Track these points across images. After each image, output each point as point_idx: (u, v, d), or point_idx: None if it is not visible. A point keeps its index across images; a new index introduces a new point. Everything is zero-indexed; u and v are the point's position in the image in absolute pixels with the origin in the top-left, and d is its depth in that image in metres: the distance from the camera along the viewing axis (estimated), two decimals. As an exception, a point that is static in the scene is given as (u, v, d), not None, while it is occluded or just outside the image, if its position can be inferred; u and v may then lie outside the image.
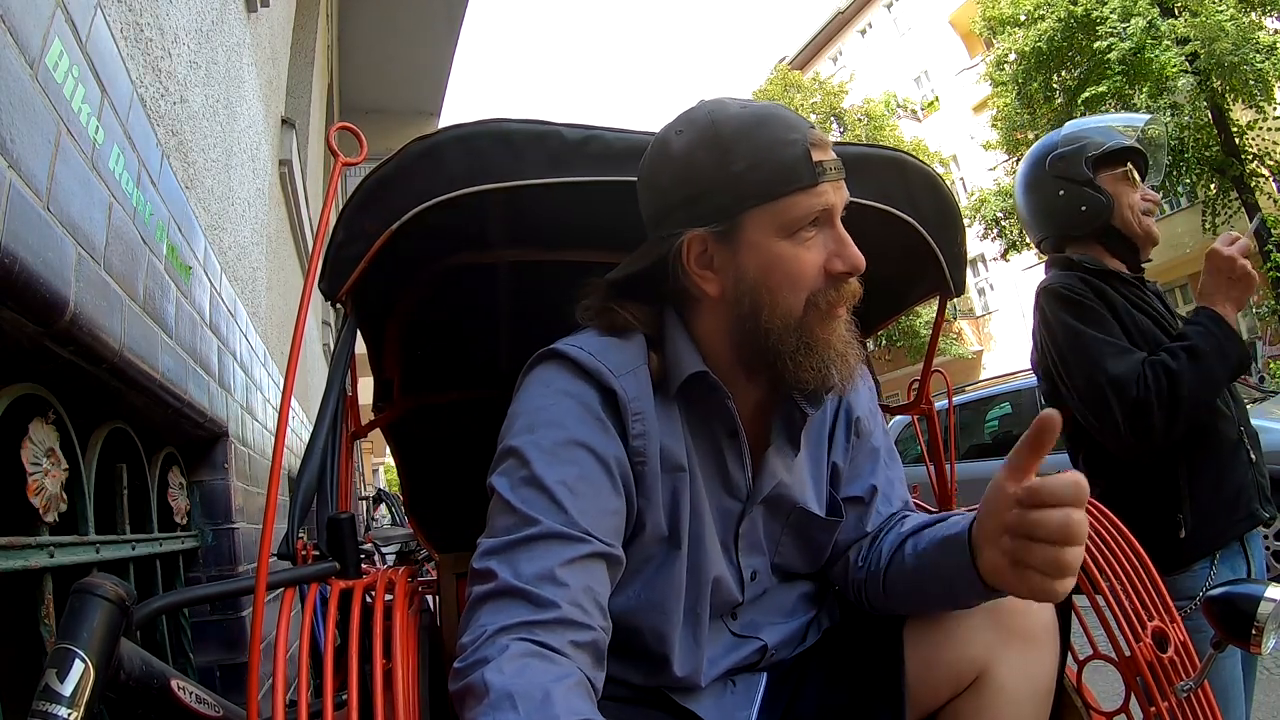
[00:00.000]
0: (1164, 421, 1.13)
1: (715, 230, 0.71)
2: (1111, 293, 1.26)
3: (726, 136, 0.70)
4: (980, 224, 12.54)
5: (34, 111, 0.73)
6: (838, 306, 0.73)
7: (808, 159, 0.70)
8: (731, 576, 0.80)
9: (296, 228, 3.19)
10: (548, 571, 0.62)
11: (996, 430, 5.39)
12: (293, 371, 0.71)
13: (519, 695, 0.53)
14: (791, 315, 0.71)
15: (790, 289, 0.71)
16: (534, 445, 0.69)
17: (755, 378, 0.77)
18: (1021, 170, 1.44)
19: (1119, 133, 1.35)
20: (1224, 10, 9.33)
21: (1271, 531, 3.87)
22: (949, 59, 17.37)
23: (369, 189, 0.84)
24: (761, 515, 0.81)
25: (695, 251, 0.73)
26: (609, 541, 0.68)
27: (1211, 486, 1.19)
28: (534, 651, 0.58)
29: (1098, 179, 1.32)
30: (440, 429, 1.17)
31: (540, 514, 0.65)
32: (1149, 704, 0.77)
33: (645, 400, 0.74)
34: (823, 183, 0.70)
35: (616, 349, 0.75)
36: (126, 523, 1.17)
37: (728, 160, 0.69)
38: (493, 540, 0.65)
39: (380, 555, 3.53)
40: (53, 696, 0.55)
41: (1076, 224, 1.35)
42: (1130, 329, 1.23)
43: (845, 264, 0.71)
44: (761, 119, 0.71)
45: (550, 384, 0.73)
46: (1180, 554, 1.18)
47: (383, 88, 5.31)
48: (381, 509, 9.33)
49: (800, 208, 0.70)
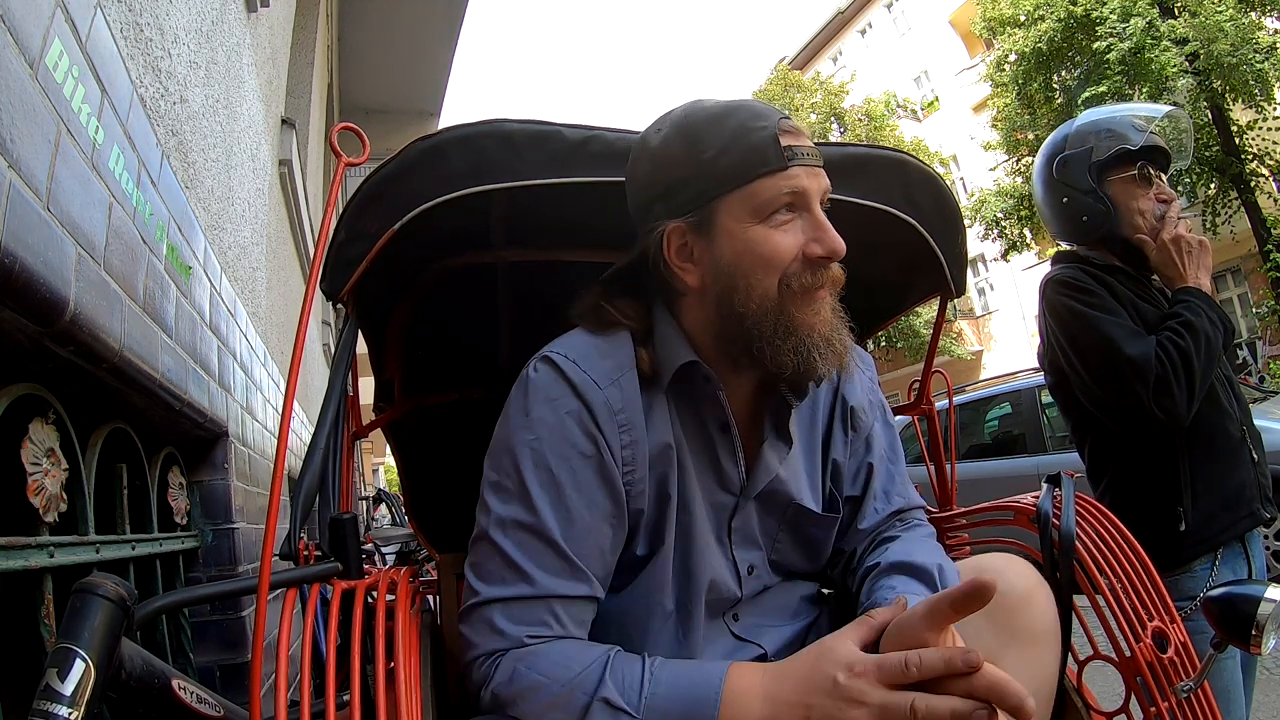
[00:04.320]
0: (1185, 395, 1.15)
1: (691, 220, 0.72)
2: (1117, 286, 1.26)
3: (697, 126, 0.72)
4: (980, 224, 12.53)
5: (34, 111, 0.73)
6: (816, 290, 0.72)
7: (775, 143, 0.70)
8: (727, 570, 0.80)
9: (296, 228, 3.19)
10: (540, 620, 0.69)
11: (996, 430, 5.39)
12: (295, 372, 0.71)
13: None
14: (768, 299, 0.71)
15: (764, 271, 0.71)
16: (524, 475, 0.71)
17: (743, 370, 0.77)
18: (1035, 166, 1.42)
19: (1136, 126, 1.30)
20: (1224, 10, 9.33)
21: (1271, 532, 3.87)
22: (949, 59, 17.37)
23: (370, 189, 0.84)
24: (756, 510, 0.81)
25: (675, 244, 0.74)
26: (599, 579, 0.72)
27: (1213, 483, 1.20)
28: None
29: (1105, 184, 1.29)
30: (441, 429, 1.17)
31: (534, 569, 0.69)
32: (1149, 704, 0.77)
33: (633, 407, 0.74)
34: (793, 166, 0.70)
35: (603, 354, 0.75)
36: (126, 523, 1.17)
37: (698, 149, 0.71)
38: (489, 590, 0.70)
39: (380, 555, 3.53)
40: (54, 696, 0.55)
41: (1079, 232, 1.34)
42: (1135, 319, 1.23)
43: (824, 248, 0.71)
44: (731, 109, 0.72)
45: (538, 397, 0.73)
46: (1180, 549, 1.18)
47: (383, 88, 5.30)
48: (381, 509, 9.33)
49: (770, 190, 0.70)
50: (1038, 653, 0.73)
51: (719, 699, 0.62)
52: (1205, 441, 1.21)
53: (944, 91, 17.80)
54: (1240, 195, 10.13)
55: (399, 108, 5.44)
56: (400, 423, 1.15)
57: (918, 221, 0.98)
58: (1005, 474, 4.71)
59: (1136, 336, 1.19)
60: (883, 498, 0.88)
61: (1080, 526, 0.84)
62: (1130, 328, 1.20)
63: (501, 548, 0.70)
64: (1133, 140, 1.28)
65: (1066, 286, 1.26)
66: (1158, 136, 1.31)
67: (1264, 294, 10.41)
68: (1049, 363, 1.33)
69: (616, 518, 0.73)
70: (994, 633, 0.72)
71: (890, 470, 0.89)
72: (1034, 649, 0.72)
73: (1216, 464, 1.21)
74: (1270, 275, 10.00)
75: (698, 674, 0.65)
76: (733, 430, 0.78)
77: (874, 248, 1.04)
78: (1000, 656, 0.72)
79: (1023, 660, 0.72)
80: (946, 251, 1.02)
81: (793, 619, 0.85)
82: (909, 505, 0.89)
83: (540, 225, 1.02)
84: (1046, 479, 0.92)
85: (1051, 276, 1.31)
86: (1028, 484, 1.04)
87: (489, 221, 1.01)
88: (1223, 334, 1.21)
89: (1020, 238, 12.41)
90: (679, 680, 0.64)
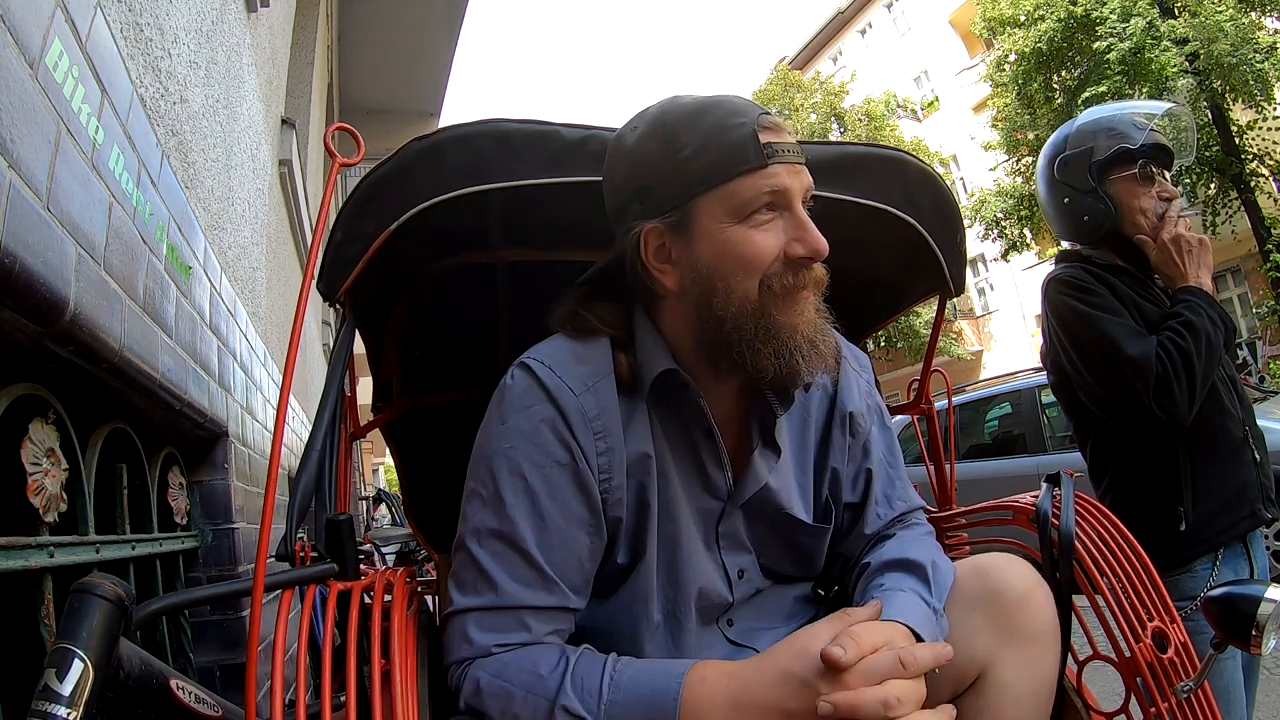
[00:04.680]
0: (1186, 395, 1.15)
1: (668, 221, 0.71)
2: (1119, 285, 1.26)
3: (673, 125, 0.70)
4: (980, 224, 12.52)
5: (34, 111, 0.73)
6: (798, 291, 0.70)
7: (754, 140, 0.68)
8: (718, 576, 0.79)
9: (296, 228, 3.19)
10: (510, 630, 0.69)
11: (996, 430, 5.39)
12: (290, 371, 0.71)
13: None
14: (748, 301, 0.69)
15: (744, 273, 0.69)
16: (499, 484, 0.71)
17: (724, 375, 0.75)
18: (1038, 166, 1.42)
19: (1137, 124, 1.29)
20: (1224, 10, 9.32)
21: (1272, 532, 3.87)
22: (949, 59, 17.36)
23: (368, 189, 0.84)
24: (742, 517, 0.80)
25: (652, 245, 0.72)
26: (575, 589, 0.72)
27: (1214, 483, 1.19)
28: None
29: (1106, 183, 1.29)
30: (439, 429, 1.17)
31: (505, 578, 0.69)
32: (1149, 704, 0.77)
33: (609, 415, 0.73)
34: (773, 164, 0.69)
35: (580, 360, 0.74)
36: (126, 523, 1.17)
37: (675, 148, 0.69)
38: (463, 599, 0.70)
39: (380, 555, 3.53)
40: (52, 696, 0.55)
41: (1081, 233, 1.34)
42: (1137, 318, 1.23)
43: (806, 248, 0.69)
44: (708, 105, 0.71)
45: (513, 405, 0.73)
46: (1180, 549, 1.18)
47: (383, 88, 5.31)
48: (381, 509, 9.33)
49: (749, 189, 0.68)
50: (1037, 653, 0.72)
51: (678, 705, 0.61)
52: (1207, 441, 1.21)
53: (944, 91, 17.79)
54: (1240, 195, 10.12)
55: (399, 108, 5.44)
56: (398, 423, 1.15)
57: (917, 220, 0.98)
58: (1005, 474, 4.71)
59: (1138, 336, 1.18)
60: (884, 502, 0.87)
61: (1080, 526, 0.84)
62: (1131, 327, 1.20)
63: (476, 557, 0.70)
64: (1133, 139, 1.27)
65: (1068, 286, 1.26)
66: (1159, 134, 1.30)
67: (1264, 294, 10.40)
68: (1051, 362, 1.33)
69: (594, 525, 0.73)
70: (993, 632, 0.72)
71: (890, 474, 0.88)
72: (1033, 649, 0.72)
73: (1218, 464, 1.21)
74: (1270, 275, 9.99)
75: (658, 677, 0.64)
76: (716, 437, 0.76)
77: (873, 247, 1.04)
78: (999, 656, 0.72)
79: (1022, 660, 0.72)
80: (946, 250, 1.02)
81: (788, 620, 0.84)
82: (910, 508, 0.89)
83: (538, 225, 1.02)
84: (1046, 479, 0.92)
85: (1054, 276, 1.31)
86: (1028, 484, 1.03)
87: (487, 221, 1.01)
88: (1224, 333, 1.21)
89: (1020, 238, 12.40)
90: (638, 683, 0.63)
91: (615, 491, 0.73)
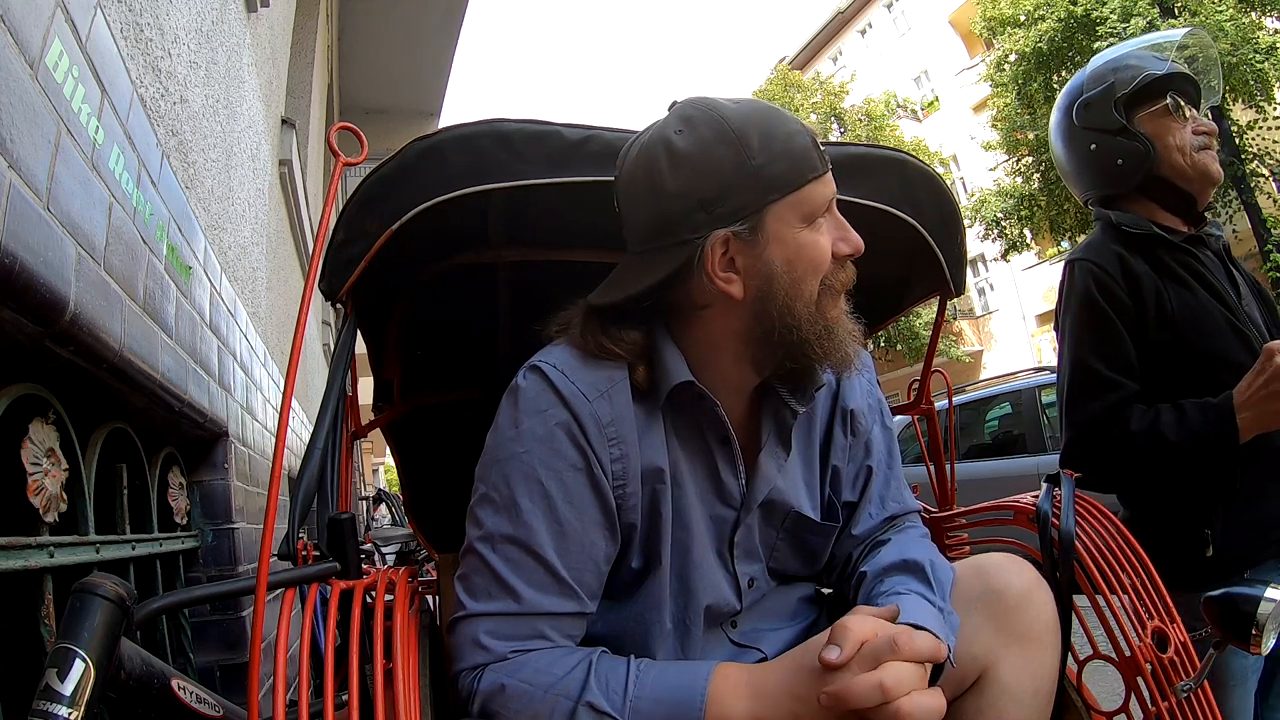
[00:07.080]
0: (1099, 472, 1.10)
1: (741, 229, 0.69)
2: (1146, 277, 1.10)
3: (740, 132, 0.69)
4: (980, 224, 12.52)
5: (34, 111, 0.73)
6: (842, 288, 0.75)
7: (817, 148, 0.71)
8: (728, 585, 0.79)
9: (296, 228, 3.19)
10: (526, 636, 0.69)
11: (996, 430, 5.39)
12: (293, 372, 0.71)
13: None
14: (811, 300, 0.72)
15: (814, 275, 0.72)
16: (513, 489, 0.70)
17: (744, 380, 0.77)
18: (1053, 121, 1.27)
19: (1155, 57, 1.16)
20: (1224, 10, 9.32)
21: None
22: (949, 59, 17.37)
23: (369, 189, 0.84)
24: (757, 521, 0.81)
25: (718, 254, 0.70)
26: (591, 594, 0.72)
27: (1252, 499, 1.05)
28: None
29: (1134, 121, 1.15)
30: (440, 429, 1.17)
31: (523, 585, 0.69)
32: (1149, 704, 0.77)
33: (624, 422, 0.73)
34: (828, 170, 0.72)
35: (593, 365, 0.74)
36: (126, 523, 1.17)
37: (746, 155, 0.68)
38: (475, 605, 0.70)
39: (380, 555, 3.53)
40: (53, 696, 0.55)
41: (1115, 180, 1.18)
42: (1156, 321, 1.09)
43: (849, 246, 0.74)
44: (764, 113, 0.72)
45: (527, 408, 0.72)
46: (1204, 574, 1.04)
47: (383, 88, 5.31)
48: (381, 509, 9.33)
49: (819, 195, 0.71)
50: (1037, 652, 0.73)
51: (704, 700, 0.62)
52: (1251, 453, 1.04)
53: (944, 91, 17.79)
54: (1240, 195, 10.12)
55: (399, 108, 5.44)
56: (399, 422, 1.15)
57: (917, 221, 0.98)
58: (1005, 474, 4.71)
59: (1103, 392, 1.08)
60: (877, 503, 0.87)
61: (1080, 526, 0.84)
62: (1106, 379, 1.09)
63: (489, 562, 0.70)
64: (1156, 68, 1.15)
65: (1080, 291, 1.14)
66: (1181, 65, 1.16)
67: (1264, 294, 10.39)
68: (1057, 351, 1.26)
69: (609, 528, 0.73)
70: (994, 632, 0.72)
71: (887, 475, 0.88)
72: (1033, 648, 0.72)
73: (1258, 477, 1.06)
74: (1270, 275, 9.99)
75: (683, 675, 0.65)
76: (734, 444, 0.77)
77: (873, 247, 1.04)
78: (1000, 656, 0.72)
79: (1022, 660, 0.72)
80: (945, 251, 1.02)
81: (791, 621, 0.84)
82: (903, 510, 0.88)
83: (539, 225, 1.02)
84: (1046, 479, 0.92)
85: (1077, 258, 1.16)
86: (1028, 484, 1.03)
87: (488, 221, 1.01)
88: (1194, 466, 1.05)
89: (1020, 238, 12.40)
90: (664, 681, 0.64)
91: (630, 498, 0.73)
